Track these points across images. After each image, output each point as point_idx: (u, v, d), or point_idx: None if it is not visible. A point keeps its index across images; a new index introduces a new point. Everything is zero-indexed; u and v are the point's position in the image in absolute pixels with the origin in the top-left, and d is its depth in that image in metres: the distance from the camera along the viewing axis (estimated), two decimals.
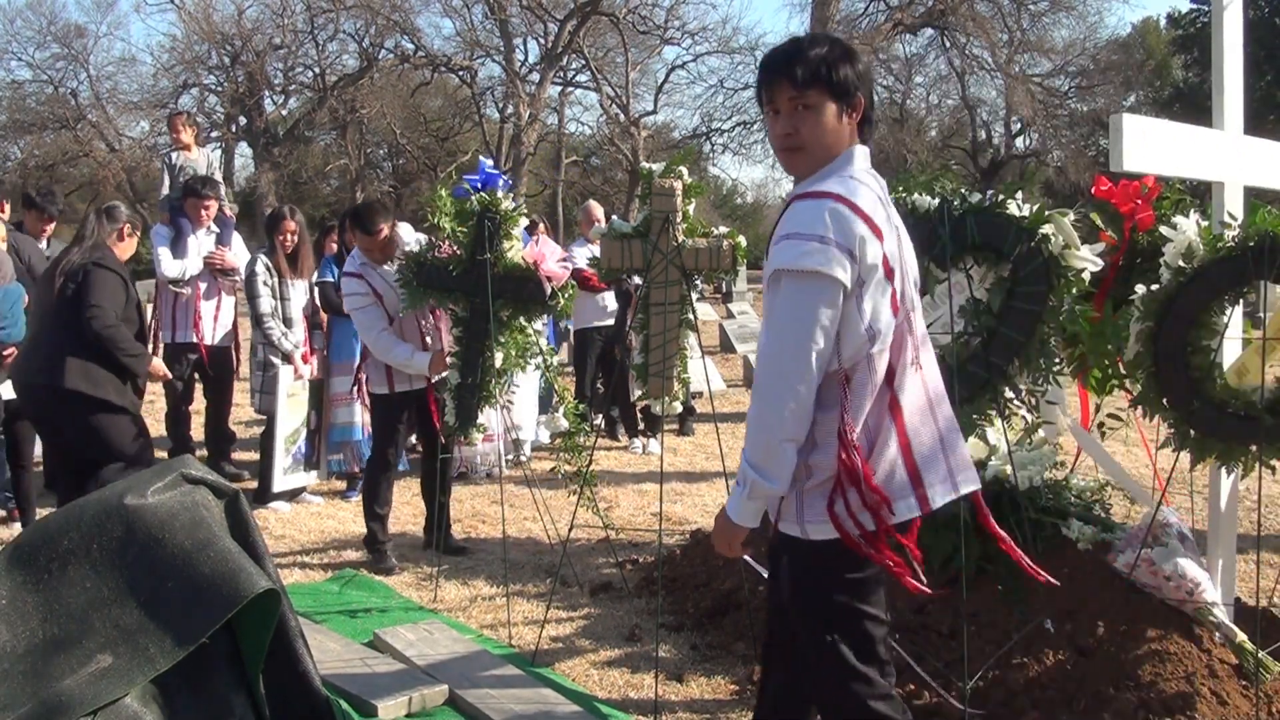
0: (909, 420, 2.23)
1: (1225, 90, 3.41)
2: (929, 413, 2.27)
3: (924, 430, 2.25)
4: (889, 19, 22.75)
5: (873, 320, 2.16)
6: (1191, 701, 3.07)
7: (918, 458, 2.23)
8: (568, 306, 4.55)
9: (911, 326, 2.27)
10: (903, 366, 2.23)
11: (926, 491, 2.24)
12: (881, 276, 2.17)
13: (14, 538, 2.66)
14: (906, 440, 2.22)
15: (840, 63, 2.22)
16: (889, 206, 2.27)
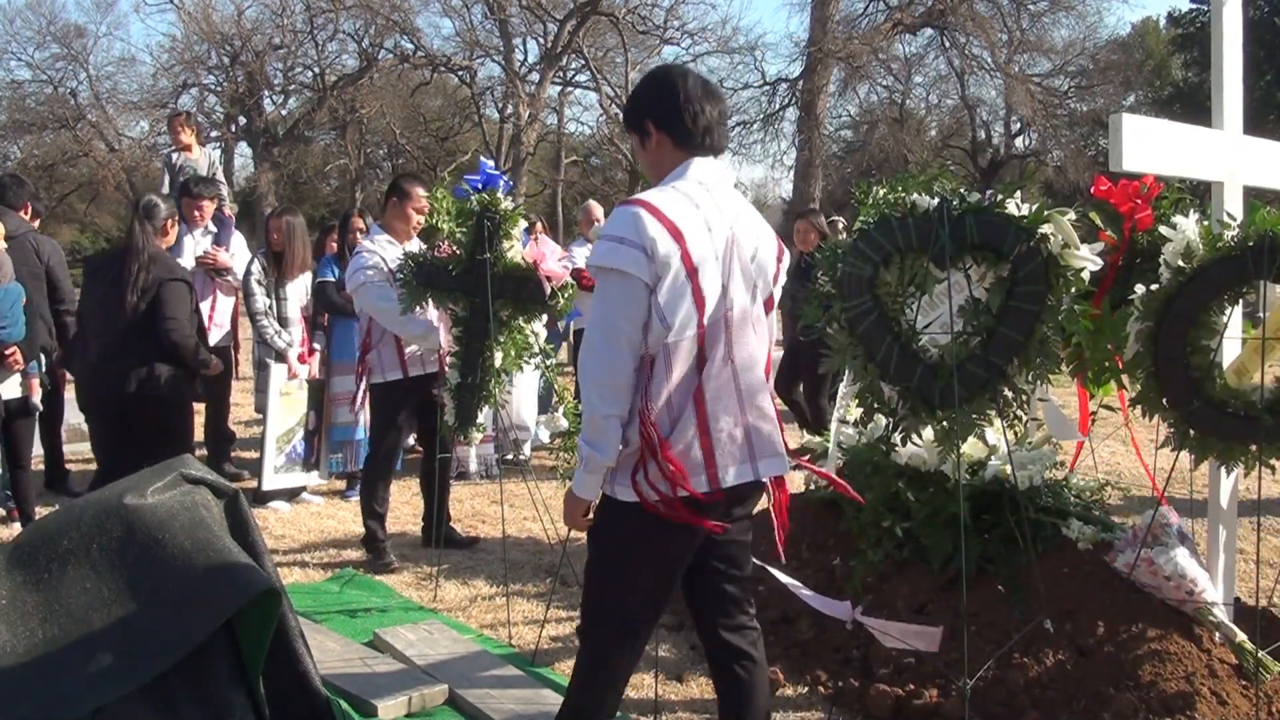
0: (710, 408, 2.48)
1: (1225, 90, 3.41)
2: (735, 404, 2.52)
3: (724, 418, 2.50)
4: (889, 19, 22.73)
5: (668, 313, 2.42)
6: (1191, 701, 3.08)
7: (713, 441, 2.49)
8: (567, 306, 4.55)
9: (729, 324, 2.51)
10: (713, 359, 2.48)
11: (718, 472, 2.50)
12: (681, 275, 2.43)
13: (14, 538, 2.66)
14: (705, 425, 2.47)
15: (629, 103, 2.69)
16: (720, 213, 2.53)
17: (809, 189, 21.04)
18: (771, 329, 2.70)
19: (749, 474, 2.57)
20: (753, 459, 2.57)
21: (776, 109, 23.98)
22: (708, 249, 2.48)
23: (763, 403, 2.58)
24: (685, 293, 2.44)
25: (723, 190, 2.59)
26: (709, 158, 2.60)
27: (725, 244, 2.52)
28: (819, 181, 21.56)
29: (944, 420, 3.07)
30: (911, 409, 3.09)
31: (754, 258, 2.60)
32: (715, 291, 2.49)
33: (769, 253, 2.65)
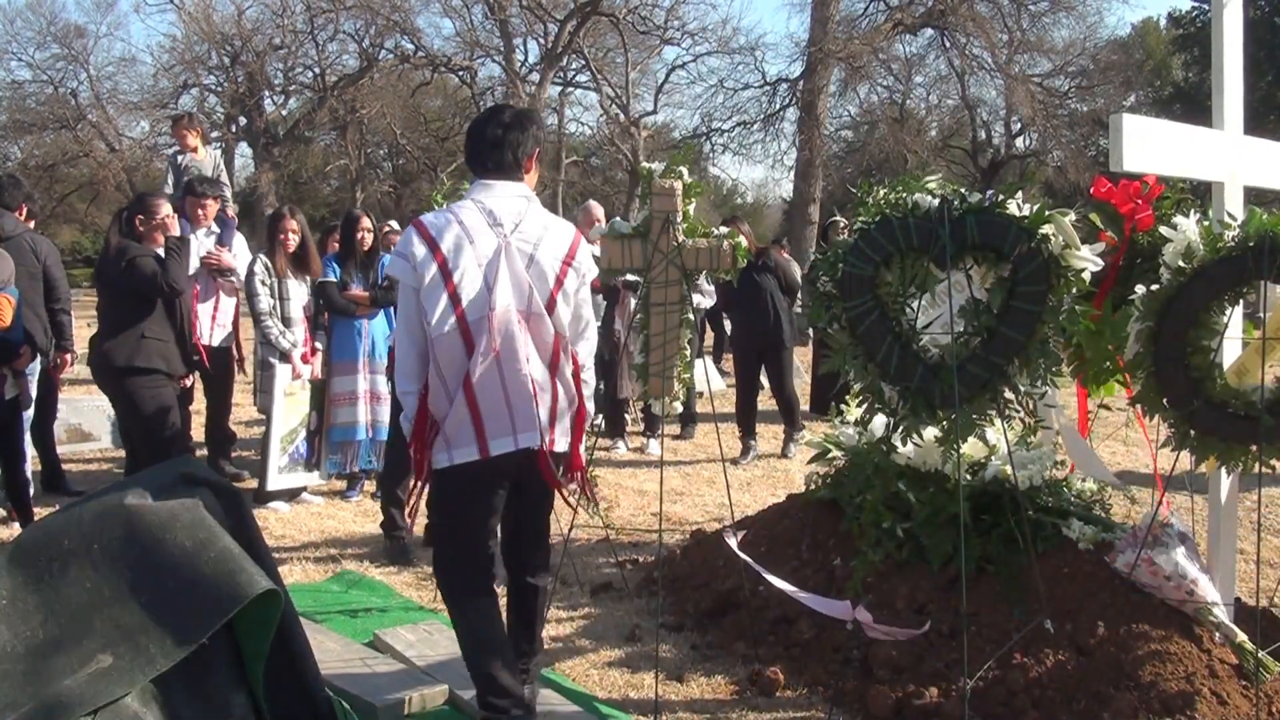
0: (477, 390, 2.97)
1: (1225, 90, 3.41)
2: (499, 389, 2.99)
3: (489, 400, 2.98)
4: (889, 19, 22.72)
5: (428, 311, 2.95)
6: (1191, 701, 3.08)
7: (482, 417, 2.99)
8: None
9: (492, 321, 2.95)
10: (479, 349, 2.95)
11: (487, 444, 3.01)
12: (438, 279, 2.94)
13: (14, 538, 2.66)
14: (474, 404, 2.98)
15: None
16: (490, 225, 3.01)
17: (809, 189, 21.04)
18: (561, 323, 3.09)
19: (510, 445, 3.03)
20: (514, 433, 3.03)
21: (777, 109, 23.99)
22: (469, 257, 2.96)
23: (527, 386, 3.01)
24: (441, 294, 2.94)
25: (504, 205, 3.05)
26: (492, 179, 3.09)
27: (493, 252, 2.99)
28: (819, 181, 21.56)
29: (944, 420, 3.07)
30: (912, 409, 3.10)
31: (530, 265, 3.02)
32: (475, 292, 2.95)
33: (552, 258, 3.06)
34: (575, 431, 3.21)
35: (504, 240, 3.00)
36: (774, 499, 5.49)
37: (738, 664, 3.87)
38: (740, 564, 4.14)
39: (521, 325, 3.00)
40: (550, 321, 3.05)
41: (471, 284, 2.95)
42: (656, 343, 4.02)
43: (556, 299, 3.07)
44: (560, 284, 3.07)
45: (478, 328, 2.95)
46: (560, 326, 3.09)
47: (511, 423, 3.02)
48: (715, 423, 6.13)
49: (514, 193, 3.09)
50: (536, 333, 3.04)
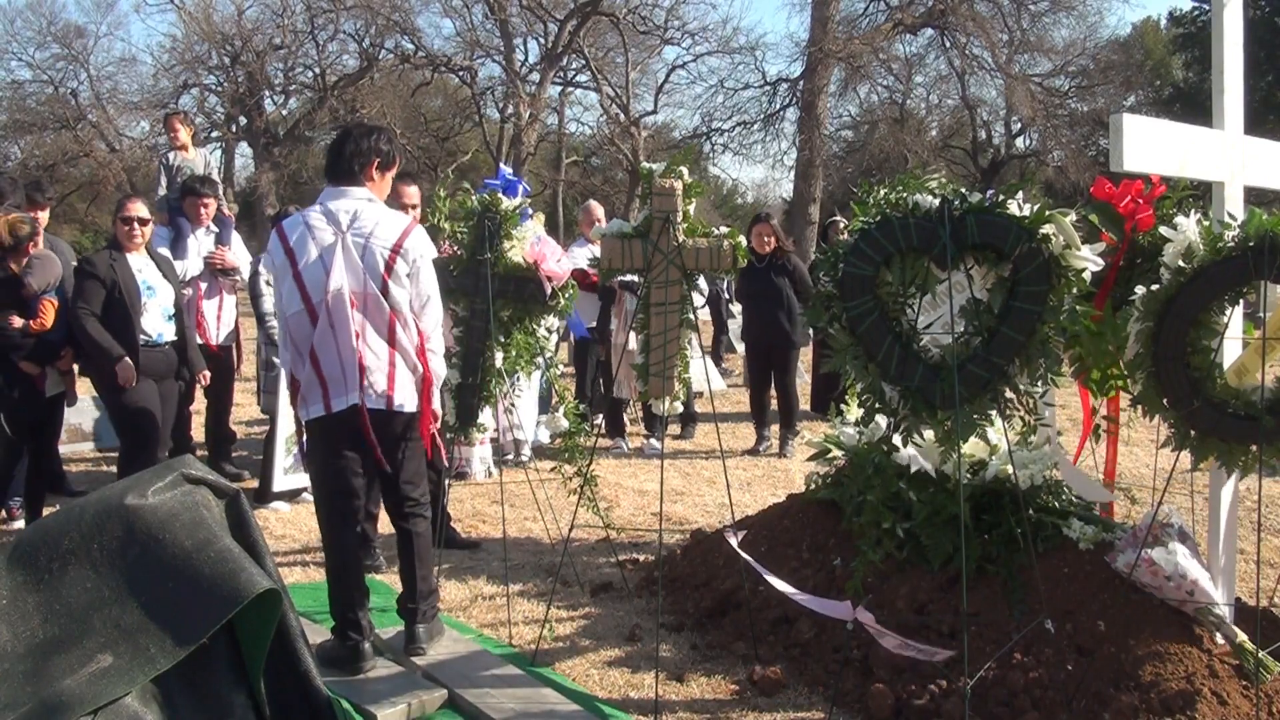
0: (320, 358, 3.64)
1: (1225, 90, 3.41)
2: (336, 357, 3.63)
3: (329, 366, 3.64)
4: (889, 19, 22.73)
5: (282, 295, 3.70)
6: (1191, 701, 3.07)
7: (326, 381, 3.65)
8: (567, 306, 4.55)
9: (328, 302, 3.60)
10: (320, 325, 3.62)
11: (330, 402, 3.65)
12: (287, 269, 3.65)
13: (14, 537, 2.66)
14: (319, 370, 3.65)
15: None
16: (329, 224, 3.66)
17: (809, 189, 21.04)
18: (396, 302, 3.68)
19: (344, 404, 3.65)
20: (346, 393, 3.64)
21: (777, 109, 24.00)
22: (311, 250, 3.63)
23: (361, 355, 3.64)
24: (288, 281, 3.65)
25: (342, 206, 3.70)
26: (336, 185, 3.75)
27: (329, 246, 3.63)
28: (819, 181, 21.56)
29: (945, 420, 3.07)
30: (913, 409, 3.10)
31: (364, 254, 3.64)
32: (315, 278, 3.62)
33: (382, 248, 3.66)
34: (422, 394, 3.78)
35: (340, 235, 3.65)
36: (774, 499, 5.49)
37: (738, 664, 3.87)
38: (740, 564, 4.13)
39: (355, 305, 3.64)
40: (386, 301, 3.67)
41: (312, 271, 3.63)
42: (656, 343, 4.02)
43: (389, 282, 3.67)
44: (390, 269, 3.67)
45: (319, 307, 3.62)
46: (396, 305, 3.68)
47: (345, 385, 3.64)
48: (715, 423, 6.14)
49: (352, 196, 3.73)
50: (373, 310, 3.67)
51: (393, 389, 3.69)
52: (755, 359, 8.47)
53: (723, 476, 4.84)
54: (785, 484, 6.83)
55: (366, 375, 3.65)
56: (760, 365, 8.30)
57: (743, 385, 11.36)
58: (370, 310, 3.65)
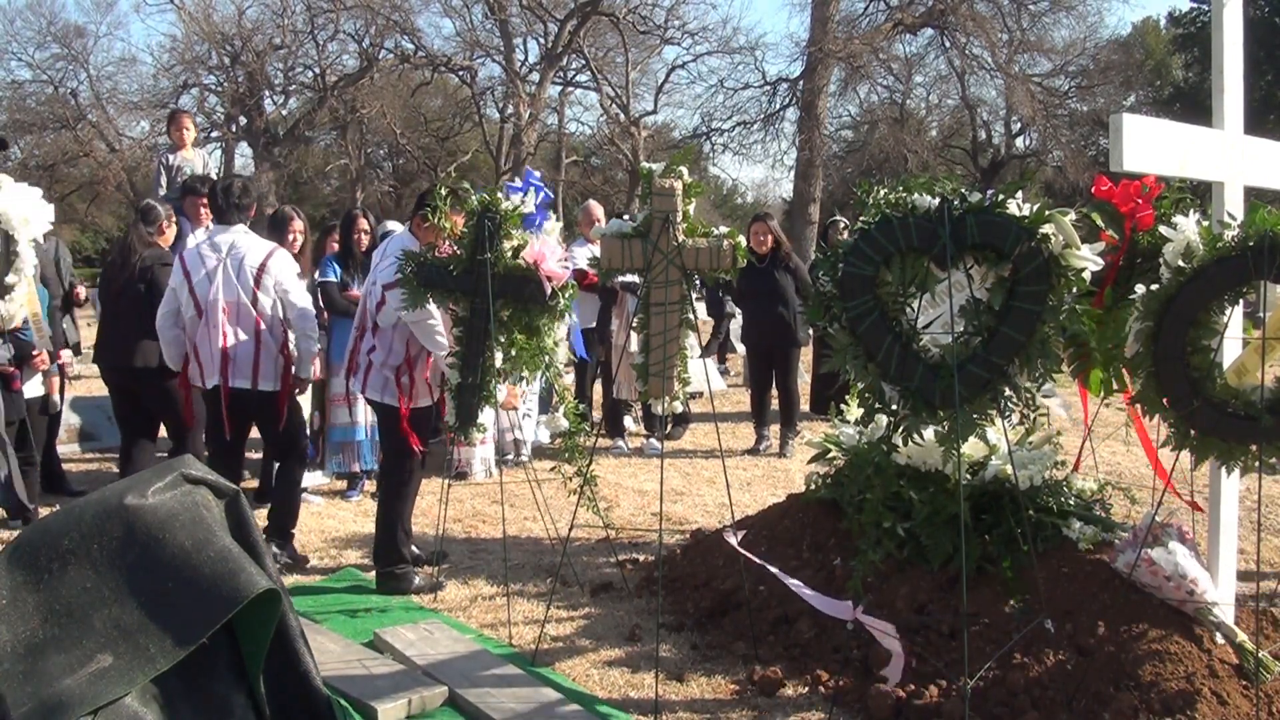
0: (199, 348, 4.99)
1: (1225, 90, 3.41)
2: (210, 347, 4.93)
3: (205, 354, 4.96)
4: (889, 19, 22.72)
5: (180, 304, 5.03)
6: (1191, 701, 3.08)
7: (202, 363, 5.00)
8: (567, 306, 4.55)
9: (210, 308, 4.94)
10: (203, 323, 4.94)
11: (205, 380, 5.01)
12: (183, 285, 5.00)
13: (14, 538, 2.66)
14: (198, 355, 5.01)
15: None
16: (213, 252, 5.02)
17: (809, 189, 21.03)
18: (263, 308, 4.95)
19: (213, 384, 4.97)
20: (215, 375, 4.95)
21: (777, 109, 23.98)
22: (200, 271, 4.98)
23: (226, 347, 4.92)
24: (185, 293, 5.00)
25: (223, 239, 5.03)
26: (220, 223, 5.11)
27: (212, 268, 4.97)
28: (819, 181, 21.55)
29: (945, 420, 3.07)
30: (912, 409, 3.10)
31: (238, 274, 4.95)
32: (203, 292, 4.95)
33: (250, 269, 4.96)
34: (282, 379, 5.01)
35: (219, 258, 4.99)
36: (774, 499, 5.49)
37: (738, 664, 3.87)
38: (740, 564, 4.14)
39: (228, 310, 4.93)
40: (255, 309, 4.96)
41: (200, 286, 4.97)
42: (656, 343, 4.01)
43: (258, 294, 4.97)
44: (259, 283, 4.96)
45: (204, 310, 4.95)
46: (263, 311, 4.97)
47: (213, 369, 4.94)
48: (715, 423, 6.14)
49: (231, 231, 5.05)
50: (243, 315, 4.95)
51: (258, 376, 4.94)
52: (756, 359, 8.48)
53: (723, 476, 4.84)
54: (785, 484, 6.83)
55: (232, 363, 4.91)
56: (761, 365, 8.31)
57: (743, 385, 11.36)
58: (241, 315, 4.95)
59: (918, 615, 3.75)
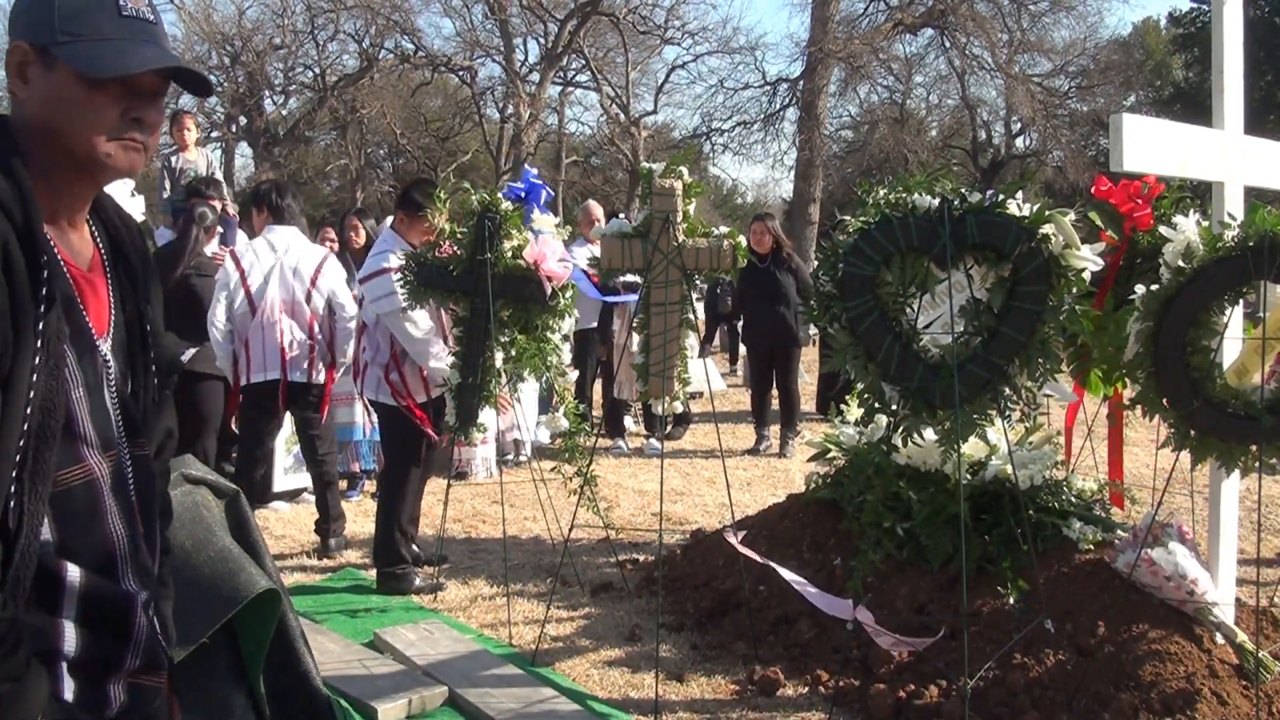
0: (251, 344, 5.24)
1: (1225, 90, 3.41)
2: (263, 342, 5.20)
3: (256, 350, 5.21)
4: (889, 19, 22.71)
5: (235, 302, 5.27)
6: (1192, 701, 3.07)
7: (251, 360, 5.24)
8: (568, 306, 4.55)
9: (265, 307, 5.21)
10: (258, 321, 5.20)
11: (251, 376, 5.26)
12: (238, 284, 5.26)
13: None
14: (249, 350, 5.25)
15: None
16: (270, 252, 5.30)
17: (809, 189, 21.02)
18: (316, 308, 5.27)
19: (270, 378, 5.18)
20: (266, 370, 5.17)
21: (777, 109, 23.97)
22: (257, 271, 5.20)
23: (279, 343, 5.17)
24: (240, 290, 5.19)
25: (279, 240, 5.30)
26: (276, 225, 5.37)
27: (269, 267, 5.20)
28: (819, 181, 21.54)
29: (945, 420, 3.07)
30: (913, 409, 3.10)
31: (295, 274, 5.23)
32: (259, 290, 5.17)
33: (307, 268, 5.28)
34: (328, 371, 5.36)
35: (276, 259, 5.23)
36: (774, 499, 5.49)
37: (738, 664, 3.87)
38: (740, 564, 4.14)
39: (283, 308, 5.20)
40: (308, 307, 5.25)
41: (256, 285, 5.19)
42: (656, 343, 4.01)
43: (312, 293, 5.28)
44: (315, 284, 5.27)
45: (259, 308, 5.16)
46: (315, 309, 5.27)
47: (265, 363, 5.16)
48: (715, 422, 6.13)
49: (285, 231, 5.34)
50: (298, 312, 5.24)
51: (311, 369, 5.28)
52: (756, 359, 8.48)
53: (723, 476, 4.84)
54: (785, 484, 6.83)
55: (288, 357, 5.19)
56: (762, 365, 8.31)
57: (743, 385, 11.36)
58: (296, 313, 5.24)
59: (918, 615, 3.75)
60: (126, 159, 1.39)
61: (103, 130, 1.37)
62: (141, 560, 1.48)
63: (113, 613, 1.42)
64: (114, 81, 1.36)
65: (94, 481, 1.40)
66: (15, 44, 1.38)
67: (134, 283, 1.53)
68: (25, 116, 1.38)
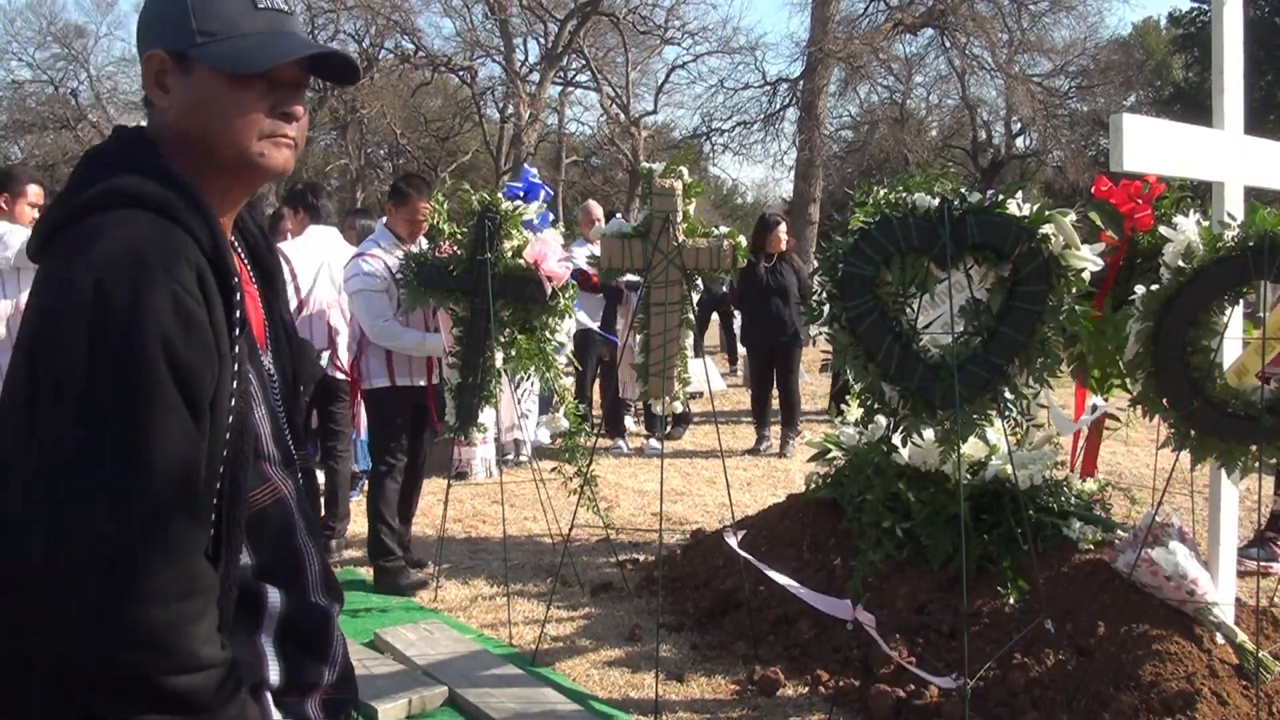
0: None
1: (1225, 90, 3.41)
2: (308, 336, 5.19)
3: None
4: (889, 19, 22.69)
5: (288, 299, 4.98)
6: (1192, 701, 3.07)
7: None
8: (567, 306, 4.55)
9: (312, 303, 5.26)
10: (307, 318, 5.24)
11: None
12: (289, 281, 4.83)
13: None
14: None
15: None
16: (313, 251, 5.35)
17: (809, 189, 21.01)
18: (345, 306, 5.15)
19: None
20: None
21: (777, 109, 23.94)
22: (306, 271, 5.15)
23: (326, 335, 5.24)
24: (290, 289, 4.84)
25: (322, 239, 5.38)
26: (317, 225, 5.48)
27: (317, 266, 5.21)
28: (819, 181, 21.52)
29: (945, 420, 3.07)
30: (912, 409, 3.10)
31: (331, 276, 5.19)
32: (307, 287, 5.15)
33: (338, 270, 5.11)
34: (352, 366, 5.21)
35: (319, 261, 5.25)
36: (774, 499, 5.49)
37: (738, 664, 3.87)
38: (740, 564, 4.14)
39: (326, 306, 5.27)
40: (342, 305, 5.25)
41: (305, 283, 5.17)
42: (656, 343, 4.02)
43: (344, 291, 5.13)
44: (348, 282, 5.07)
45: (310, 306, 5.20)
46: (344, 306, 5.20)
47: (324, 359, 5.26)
48: (715, 422, 6.14)
49: (327, 232, 5.48)
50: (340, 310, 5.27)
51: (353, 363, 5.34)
52: (757, 359, 8.48)
53: (723, 476, 4.84)
54: (785, 484, 6.83)
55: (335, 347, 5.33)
56: (762, 365, 8.31)
57: (743, 385, 11.36)
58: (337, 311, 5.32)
59: (918, 615, 3.75)
60: (280, 157, 1.34)
61: (252, 129, 1.31)
62: (327, 574, 1.46)
63: (311, 631, 1.40)
64: (258, 78, 1.30)
65: (283, 499, 1.38)
66: (150, 54, 1.32)
67: (274, 289, 1.49)
68: (167, 126, 1.32)
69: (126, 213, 1.22)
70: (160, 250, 1.19)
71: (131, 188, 1.23)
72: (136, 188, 1.23)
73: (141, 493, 1.14)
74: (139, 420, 1.15)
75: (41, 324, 1.19)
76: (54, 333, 1.16)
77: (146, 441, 1.14)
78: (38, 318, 1.19)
